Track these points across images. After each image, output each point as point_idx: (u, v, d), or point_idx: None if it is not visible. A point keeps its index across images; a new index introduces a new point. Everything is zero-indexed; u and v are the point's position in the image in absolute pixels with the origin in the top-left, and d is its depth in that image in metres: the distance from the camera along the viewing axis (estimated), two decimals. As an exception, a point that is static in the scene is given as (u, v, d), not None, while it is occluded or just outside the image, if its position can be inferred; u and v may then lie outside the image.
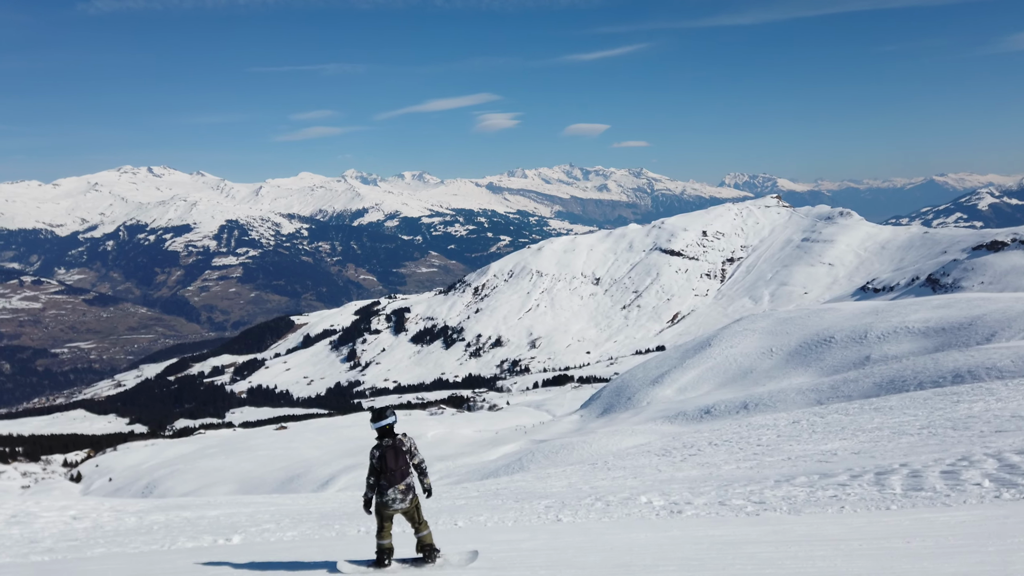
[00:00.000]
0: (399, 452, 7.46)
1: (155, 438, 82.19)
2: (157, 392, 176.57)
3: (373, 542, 7.94)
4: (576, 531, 8.97)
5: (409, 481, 7.53)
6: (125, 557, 9.47)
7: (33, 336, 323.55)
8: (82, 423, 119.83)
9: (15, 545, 12.23)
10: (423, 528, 7.65)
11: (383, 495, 7.48)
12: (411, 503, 7.56)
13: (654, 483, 13.89)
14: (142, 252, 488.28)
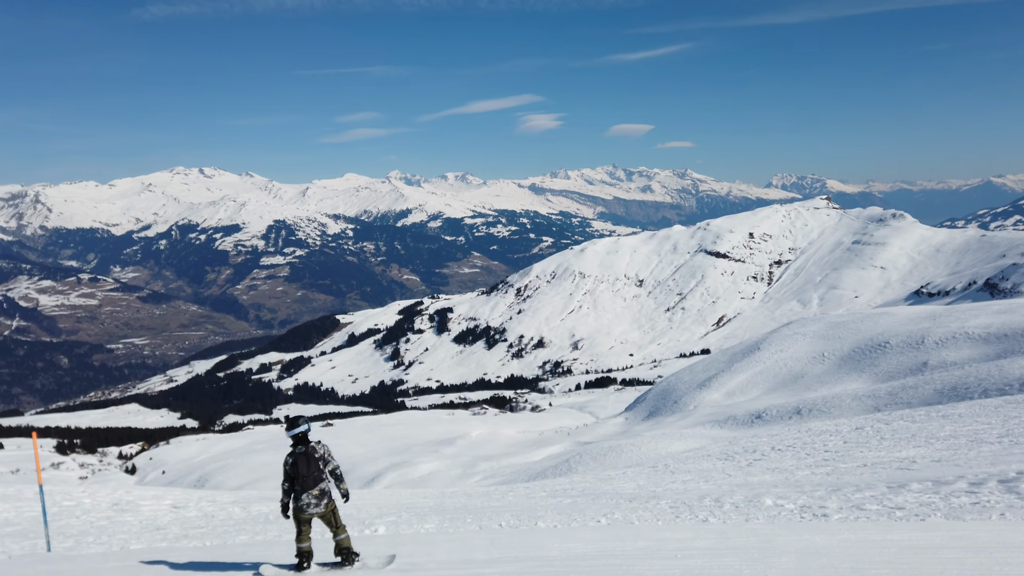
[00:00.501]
0: (311, 459, 7.78)
1: (206, 433, 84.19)
2: (207, 388, 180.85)
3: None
4: (743, 532, 8.74)
5: (323, 487, 7.80)
6: (281, 545, 9.66)
7: (90, 332, 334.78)
8: (136, 417, 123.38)
9: (144, 531, 12.56)
10: (341, 532, 7.91)
11: (298, 500, 7.81)
12: (327, 508, 7.85)
13: (730, 487, 13.61)
14: (193, 251, 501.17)
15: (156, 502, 16.27)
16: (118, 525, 13.50)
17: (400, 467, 44.08)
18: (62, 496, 17.59)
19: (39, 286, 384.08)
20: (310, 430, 7.99)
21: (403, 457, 48.32)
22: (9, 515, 15.28)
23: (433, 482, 39.66)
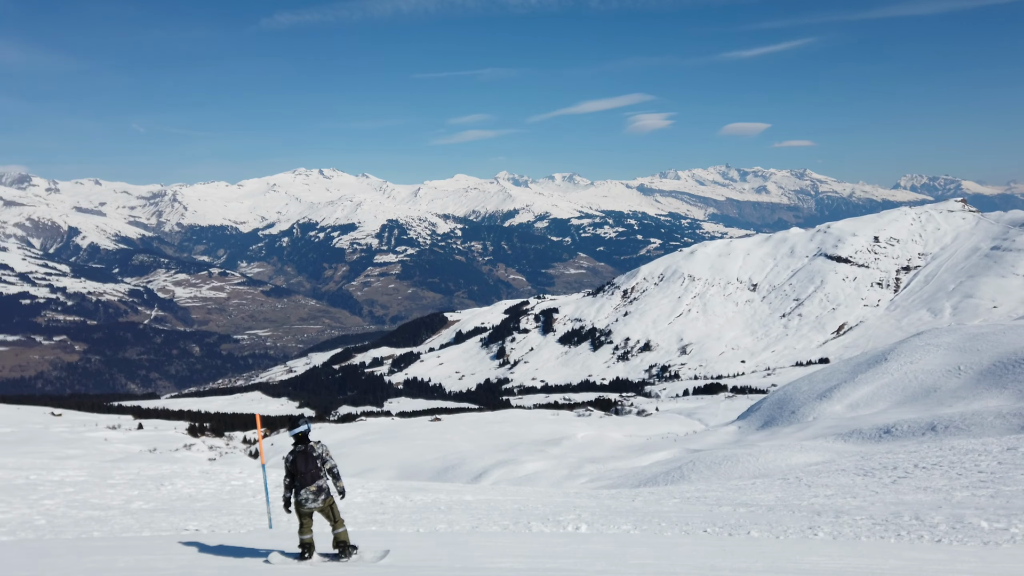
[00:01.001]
0: (309, 457, 8.39)
1: (321, 422, 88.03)
2: (323, 379, 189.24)
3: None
4: (1003, 556, 8.19)
5: (320, 484, 8.39)
6: (529, 535, 9.99)
7: (219, 323, 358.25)
8: (259, 404, 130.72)
9: (385, 514, 13.22)
10: (339, 526, 8.47)
11: (298, 495, 8.42)
12: (324, 503, 8.42)
13: (886, 505, 12.70)
14: (312, 248, 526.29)
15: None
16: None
17: (506, 464, 44.37)
18: (227, 476, 18.73)
19: (175, 279, 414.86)
20: (310, 430, 8.62)
21: (509, 455, 48.65)
22: (189, 491, 16.41)
23: (539, 481, 39.66)
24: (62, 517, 12.94)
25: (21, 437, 43.52)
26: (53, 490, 16.02)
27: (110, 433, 60.00)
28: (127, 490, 16.16)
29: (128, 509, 13.84)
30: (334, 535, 8.56)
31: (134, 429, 68.15)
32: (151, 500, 15.11)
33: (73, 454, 40.42)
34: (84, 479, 18.27)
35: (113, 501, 14.70)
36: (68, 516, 13.04)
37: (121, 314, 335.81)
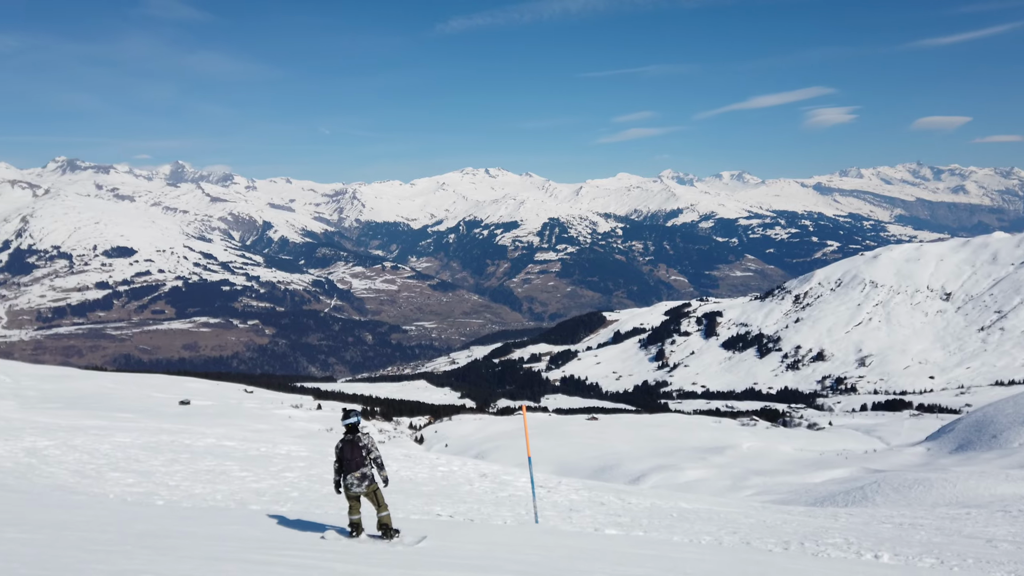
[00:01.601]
0: (355, 447, 9.23)
1: (481, 413, 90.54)
2: (483, 372, 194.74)
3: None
4: None
5: (364, 471, 9.18)
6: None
7: (390, 313, 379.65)
8: (423, 392, 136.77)
9: (564, 512, 13.75)
10: (383, 510, 9.28)
11: (345, 479, 9.25)
12: (368, 488, 9.22)
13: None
14: (477, 245, 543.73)
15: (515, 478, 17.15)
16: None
17: (666, 469, 43.09)
18: (431, 462, 19.60)
19: (352, 271, 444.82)
20: (359, 422, 9.48)
21: (668, 460, 47.25)
22: (406, 473, 17.31)
23: (699, 489, 38.12)
24: (310, 491, 13.96)
25: (220, 410, 47.79)
26: (287, 463, 17.43)
27: (293, 411, 65.09)
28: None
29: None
30: (378, 518, 9.32)
31: (314, 409, 73.50)
32: (394, 481, 15.96)
33: (263, 428, 44.00)
34: (307, 454, 19.74)
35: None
36: (313, 490, 14.06)
37: (305, 302, 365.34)
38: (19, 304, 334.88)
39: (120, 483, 14.15)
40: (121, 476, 14.86)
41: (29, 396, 39.66)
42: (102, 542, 7.41)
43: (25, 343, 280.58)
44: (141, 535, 8.11)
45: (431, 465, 18.98)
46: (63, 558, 6.48)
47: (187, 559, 6.75)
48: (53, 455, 16.62)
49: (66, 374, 60.51)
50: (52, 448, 17.52)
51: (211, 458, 17.85)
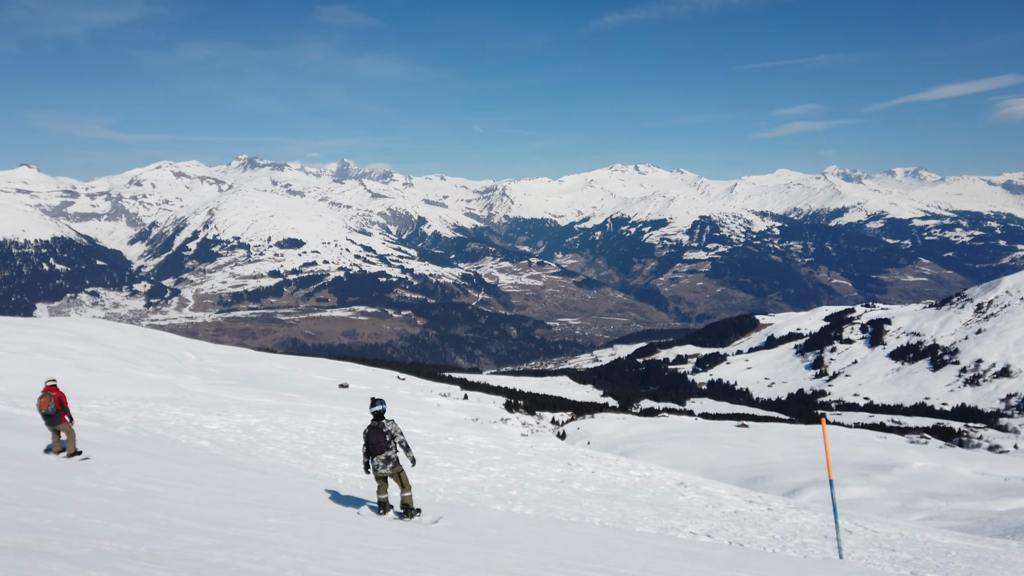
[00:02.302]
0: (380, 432, 10.04)
1: (624, 413, 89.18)
2: (626, 371, 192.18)
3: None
4: None
5: (389, 454, 10.02)
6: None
7: (535, 309, 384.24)
8: (566, 388, 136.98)
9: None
10: (406, 490, 10.13)
11: (372, 462, 10.11)
12: (392, 470, 10.04)
13: None
14: (623, 243, 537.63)
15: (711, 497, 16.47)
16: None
17: (824, 484, 40.15)
18: (618, 465, 19.40)
19: (499, 266, 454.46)
20: (385, 410, 10.31)
21: (826, 475, 44.08)
22: (605, 477, 17.17)
23: (863, 508, 35.13)
24: (531, 491, 14.05)
25: (375, 395, 49.77)
26: (484, 457, 17.69)
27: (441, 400, 67.13)
28: (550, 466, 16.97)
29: (580, 491, 14.79)
30: (401, 498, 10.22)
31: (460, 399, 75.50)
32: (590, 483, 15.84)
33: (414, 415, 45.55)
34: (495, 447, 20.01)
35: (547, 476, 15.67)
36: (536, 491, 14.15)
37: (454, 295, 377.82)
38: (204, 289, 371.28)
39: (338, 466, 15.05)
40: (336, 460, 15.75)
41: (210, 373, 43.33)
42: (376, 540, 7.68)
43: (208, 324, 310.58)
44: (407, 534, 8.36)
45: (622, 468, 18.38)
46: (342, 556, 6.64)
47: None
48: (265, 433, 17.96)
49: (241, 354, 65.78)
50: (262, 426, 18.98)
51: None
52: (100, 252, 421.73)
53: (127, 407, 21.61)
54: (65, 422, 14.29)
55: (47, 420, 14.15)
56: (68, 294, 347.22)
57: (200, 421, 19.78)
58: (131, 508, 7.83)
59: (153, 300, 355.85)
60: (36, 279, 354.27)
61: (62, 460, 12.62)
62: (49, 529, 6.18)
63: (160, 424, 19.06)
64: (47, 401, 14.08)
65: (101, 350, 41.62)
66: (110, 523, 6.79)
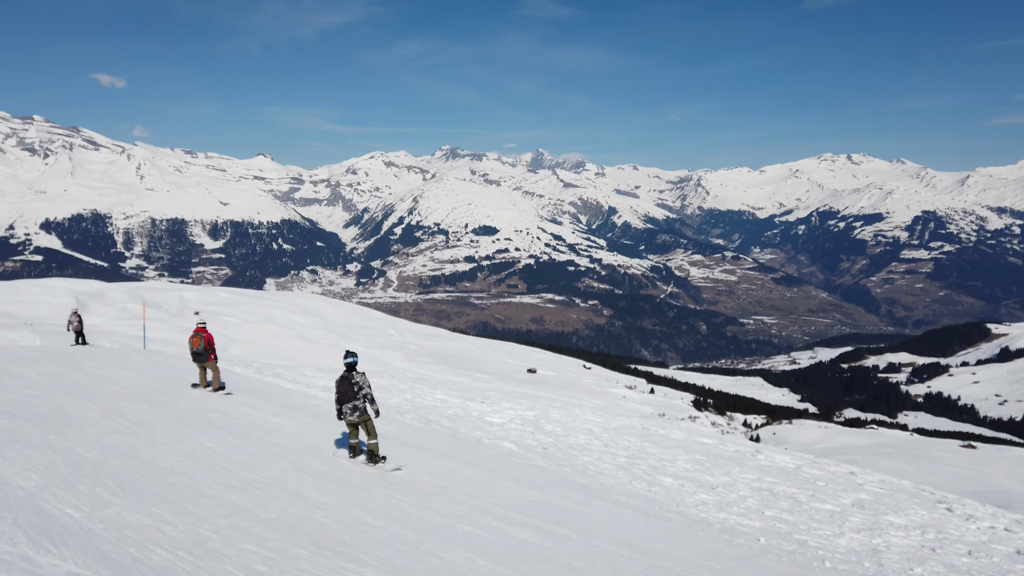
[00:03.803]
0: (348, 383, 10.77)
1: (826, 422, 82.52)
2: (828, 376, 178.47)
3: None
4: None
5: (356, 403, 10.76)
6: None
7: (726, 305, 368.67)
8: (759, 391, 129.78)
9: None
10: (371, 438, 10.95)
11: (341, 409, 10.92)
12: (359, 418, 10.81)
13: None
14: (830, 238, 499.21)
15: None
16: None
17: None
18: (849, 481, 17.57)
19: (691, 259, 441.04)
20: (356, 363, 11.04)
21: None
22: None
23: None
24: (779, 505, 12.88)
25: (561, 382, 49.98)
26: (739, 461, 16.53)
27: (627, 392, 66.13)
28: (787, 485, 14.43)
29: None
30: (367, 445, 11.02)
31: (646, 392, 73.97)
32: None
33: (599, 404, 45.15)
34: (712, 443, 18.80)
35: (804, 494, 14.09)
36: (772, 505, 12.94)
37: (642, 287, 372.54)
38: (406, 271, 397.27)
39: (699, 499, 12.85)
40: (680, 486, 13.64)
41: (411, 350, 45.68)
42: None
43: (408, 304, 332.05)
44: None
45: (863, 483, 16.25)
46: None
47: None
48: (556, 432, 17.19)
49: (438, 334, 68.96)
50: (545, 421, 18.77)
51: (682, 451, 17.18)
52: (320, 234, 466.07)
53: (386, 386, 22.82)
54: (212, 360, 16.22)
55: (196, 357, 16.08)
56: (292, 271, 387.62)
57: (479, 411, 19.51)
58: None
59: (362, 280, 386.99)
60: (267, 256, 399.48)
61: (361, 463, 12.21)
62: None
63: (440, 412, 18.77)
64: (198, 341, 16.03)
65: (319, 323, 45.37)
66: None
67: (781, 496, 13.49)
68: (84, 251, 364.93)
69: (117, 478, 7.58)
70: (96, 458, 8.39)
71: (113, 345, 26.16)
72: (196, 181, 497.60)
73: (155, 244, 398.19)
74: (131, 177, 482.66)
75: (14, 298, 39.63)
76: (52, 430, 9.56)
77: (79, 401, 12.21)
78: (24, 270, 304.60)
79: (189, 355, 17.27)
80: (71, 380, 14.59)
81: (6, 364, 15.88)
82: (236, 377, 19.57)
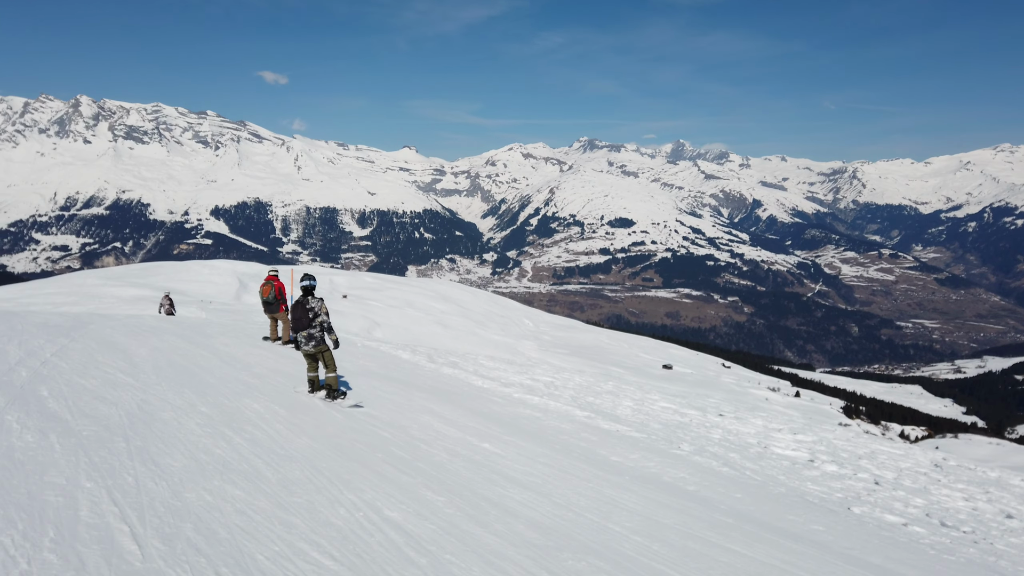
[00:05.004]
0: (303, 308, 9.78)
1: (997, 438, 74.66)
2: (999, 388, 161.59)
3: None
4: None
5: (312, 331, 9.87)
6: None
7: (882, 306, 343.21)
8: (917, 400, 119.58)
9: None
10: (329, 371, 10.02)
11: (296, 337, 10.05)
12: (315, 348, 9.98)
13: None
14: (1005, 237, 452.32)
15: None
16: None
17: None
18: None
19: (843, 256, 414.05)
20: (314, 287, 9.91)
21: None
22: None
23: None
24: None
25: (698, 380, 48.03)
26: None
27: (770, 394, 62.74)
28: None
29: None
30: (325, 378, 10.06)
31: (791, 395, 69.90)
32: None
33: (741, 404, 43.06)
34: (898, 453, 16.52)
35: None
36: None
37: (787, 284, 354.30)
38: (541, 262, 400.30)
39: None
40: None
41: (544, 340, 45.53)
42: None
43: (542, 295, 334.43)
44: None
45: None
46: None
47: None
48: (737, 443, 16.05)
49: (571, 325, 68.56)
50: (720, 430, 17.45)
51: (867, 461, 14.65)
52: (458, 224, 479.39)
53: (556, 383, 22.55)
54: (282, 311, 15.31)
55: (266, 307, 15.27)
56: (432, 259, 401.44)
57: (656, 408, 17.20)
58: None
59: (498, 269, 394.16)
60: (409, 244, 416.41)
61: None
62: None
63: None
64: (268, 289, 15.13)
65: (456, 310, 46.22)
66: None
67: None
68: (247, 236, 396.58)
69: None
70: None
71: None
72: (347, 172, 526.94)
73: (309, 231, 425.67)
74: (289, 168, 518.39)
75: (185, 277, 43.11)
76: (109, 457, 6.50)
77: (182, 397, 9.28)
78: (196, 252, 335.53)
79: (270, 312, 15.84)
80: (191, 361, 12.41)
81: (119, 337, 14.39)
82: (407, 366, 17.78)
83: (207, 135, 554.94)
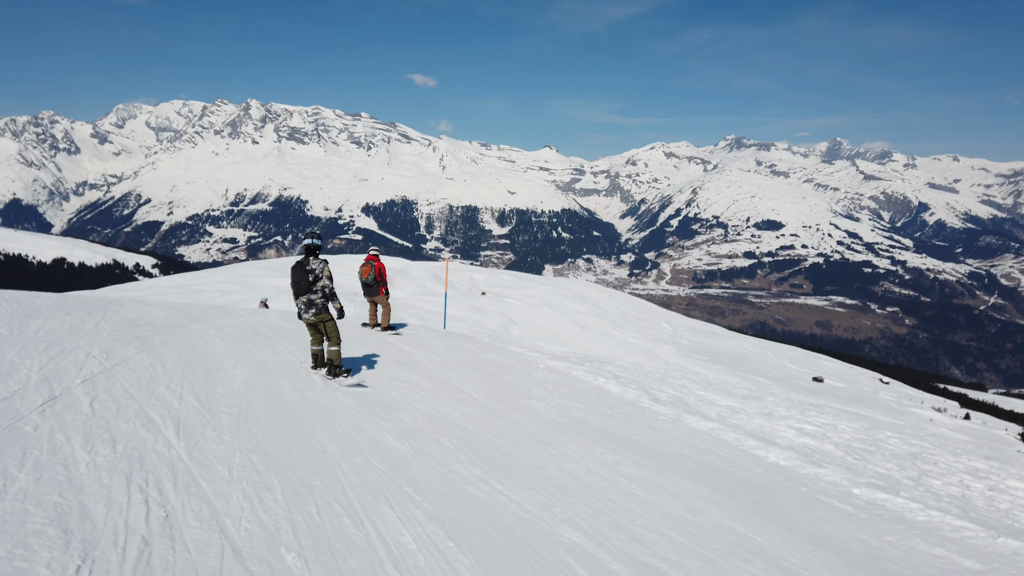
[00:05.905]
0: (303, 269, 8.58)
1: None
2: None
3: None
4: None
5: (311, 298, 8.63)
6: None
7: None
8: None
9: None
10: (332, 344, 8.78)
11: (296, 304, 8.81)
12: (316, 317, 8.69)
13: None
14: None
15: None
16: None
17: None
18: None
19: (1023, 266, 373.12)
20: (318, 246, 8.77)
21: None
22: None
23: None
24: None
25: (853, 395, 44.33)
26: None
27: (935, 415, 57.19)
28: None
29: None
30: (328, 352, 8.82)
31: (960, 417, 63.50)
32: None
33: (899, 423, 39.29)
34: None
35: None
36: None
37: (956, 295, 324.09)
38: (680, 264, 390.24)
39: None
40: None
41: (683, 345, 43.81)
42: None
43: (681, 298, 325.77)
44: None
45: None
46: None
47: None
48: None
49: (712, 330, 65.92)
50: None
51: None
52: (596, 224, 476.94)
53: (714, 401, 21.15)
54: (382, 294, 14.04)
55: (366, 289, 13.94)
56: (568, 259, 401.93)
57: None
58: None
59: (635, 271, 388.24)
60: (547, 243, 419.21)
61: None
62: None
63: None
64: (368, 270, 13.85)
65: (592, 310, 45.48)
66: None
67: None
68: (393, 232, 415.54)
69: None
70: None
71: (411, 319, 28.35)
72: (488, 172, 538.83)
73: (451, 228, 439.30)
74: (434, 168, 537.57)
75: (338, 270, 45.45)
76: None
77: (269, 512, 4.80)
78: (347, 247, 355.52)
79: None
80: (301, 395, 8.04)
81: (218, 346, 10.51)
82: (627, 408, 11.40)
83: (360, 136, 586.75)
